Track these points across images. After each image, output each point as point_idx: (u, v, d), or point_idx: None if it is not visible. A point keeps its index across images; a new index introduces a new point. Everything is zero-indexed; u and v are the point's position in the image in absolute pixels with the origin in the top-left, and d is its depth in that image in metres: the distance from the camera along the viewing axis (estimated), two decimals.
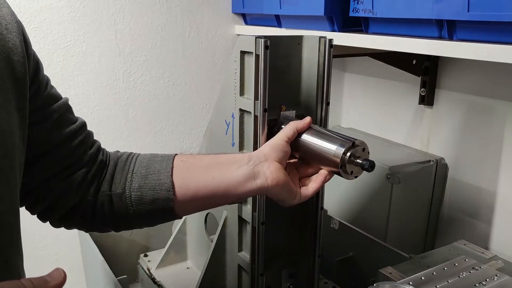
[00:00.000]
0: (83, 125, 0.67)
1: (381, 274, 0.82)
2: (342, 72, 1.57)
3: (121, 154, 0.72)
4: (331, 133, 0.72)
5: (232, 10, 1.48)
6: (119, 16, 1.31)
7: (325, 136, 0.71)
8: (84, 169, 0.65)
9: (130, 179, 0.67)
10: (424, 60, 1.22)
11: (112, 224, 0.69)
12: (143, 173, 0.67)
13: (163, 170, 0.66)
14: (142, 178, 0.66)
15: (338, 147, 0.68)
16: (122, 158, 0.70)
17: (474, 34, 0.82)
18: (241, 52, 0.76)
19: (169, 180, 0.65)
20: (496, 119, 1.10)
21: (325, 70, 0.78)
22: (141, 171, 0.67)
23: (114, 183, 0.67)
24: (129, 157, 0.70)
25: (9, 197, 0.52)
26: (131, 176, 0.67)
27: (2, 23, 0.53)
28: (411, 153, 1.24)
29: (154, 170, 0.67)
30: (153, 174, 0.66)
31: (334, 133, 0.72)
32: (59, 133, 0.63)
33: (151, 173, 0.66)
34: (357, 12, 1.01)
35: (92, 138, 0.70)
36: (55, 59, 1.24)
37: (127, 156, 0.71)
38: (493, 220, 1.13)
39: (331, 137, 0.71)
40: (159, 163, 0.67)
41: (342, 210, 1.23)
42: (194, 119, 1.49)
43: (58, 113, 0.63)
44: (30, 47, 0.59)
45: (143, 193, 0.65)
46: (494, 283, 0.75)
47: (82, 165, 0.65)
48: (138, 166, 0.68)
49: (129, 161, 0.69)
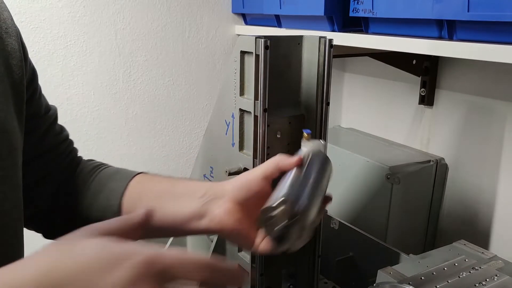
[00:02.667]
0: (67, 137, 0.68)
1: (381, 274, 0.82)
2: (342, 72, 1.57)
3: (88, 165, 0.69)
4: (297, 182, 0.55)
5: (232, 10, 1.48)
6: (119, 16, 1.31)
7: (285, 184, 0.55)
8: (57, 180, 0.65)
9: (84, 195, 0.65)
10: (424, 60, 1.22)
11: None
12: (97, 190, 0.64)
13: (115, 191, 0.62)
14: (95, 195, 0.64)
15: (268, 203, 0.52)
16: (86, 170, 0.68)
17: (474, 34, 0.82)
18: (241, 52, 0.76)
19: (117, 203, 0.61)
20: (496, 119, 1.10)
21: (325, 70, 0.78)
22: (96, 187, 0.65)
23: (71, 196, 0.66)
24: (93, 170, 0.68)
25: (13, 196, 0.52)
26: (86, 192, 0.65)
27: (3, 26, 0.54)
28: (411, 153, 1.24)
29: (108, 188, 0.64)
30: (105, 193, 0.63)
31: (305, 181, 0.55)
32: (45, 143, 0.63)
33: (104, 191, 0.63)
34: (357, 12, 1.01)
35: (71, 147, 0.69)
36: (55, 59, 1.24)
37: (91, 168, 0.68)
38: (493, 220, 1.13)
39: (285, 187, 0.54)
40: (116, 181, 0.64)
41: (342, 210, 1.23)
42: (194, 119, 1.49)
43: (48, 122, 0.63)
44: (27, 53, 0.59)
45: (91, 212, 0.63)
46: (494, 283, 0.75)
47: (57, 175, 0.65)
48: (96, 182, 0.66)
49: (91, 174, 0.67)
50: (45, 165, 0.64)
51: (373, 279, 0.85)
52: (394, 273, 0.81)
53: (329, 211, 1.17)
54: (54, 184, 0.65)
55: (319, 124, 0.81)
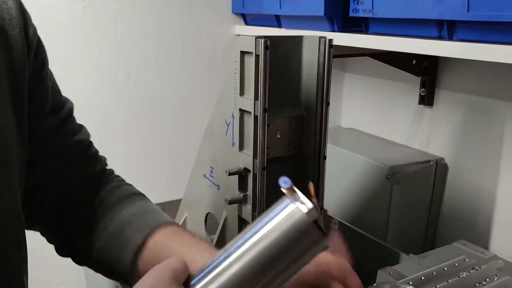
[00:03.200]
0: (82, 141, 0.64)
1: (381, 274, 0.82)
2: (342, 72, 1.57)
3: (116, 193, 0.63)
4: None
5: (232, 10, 1.48)
6: (119, 16, 1.31)
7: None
8: (62, 190, 0.60)
9: (98, 233, 0.59)
10: (424, 60, 1.22)
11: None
12: (112, 234, 0.58)
13: (131, 242, 0.56)
14: (110, 239, 0.58)
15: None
16: (110, 200, 0.62)
17: (474, 34, 0.82)
18: (241, 52, 0.76)
19: (130, 257, 0.55)
20: (496, 119, 1.10)
21: (325, 70, 0.78)
22: (113, 231, 0.59)
23: (83, 225, 0.60)
24: (117, 203, 0.61)
25: (8, 198, 0.50)
26: (103, 231, 0.59)
27: (6, 17, 0.50)
28: (411, 153, 1.24)
29: (123, 236, 0.57)
30: (120, 240, 0.57)
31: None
32: (49, 145, 0.59)
33: (120, 238, 0.57)
34: (357, 12, 1.01)
35: (90, 153, 0.65)
36: (55, 59, 1.24)
37: (117, 200, 0.62)
38: (493, 220, 1.13)
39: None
40: (133, 232, 0.57)
41: (342, 210, 1.23)
42: (194, 119, 1.48)
43: (56, 121, 0.60)
44: (34, 44, 0.55)
45: (104, 255, 0.59)
46: (494, 283, 0.75)
47: (62, 185, 0.60)
48: (116, 223, 0.59)
49: (114, 209, 0.60)
50: (49, 170, 0.59)
51: (373, 279, 0.85)
52: (394, 273, 0.81)
53: (329, 211, 1.17)
54: (57, 194, 0.60)
55: (319, 124, 0.81)
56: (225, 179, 0.85)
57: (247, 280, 0.39)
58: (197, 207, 1.00)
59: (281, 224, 0.39)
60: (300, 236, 0.39)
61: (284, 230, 0.39)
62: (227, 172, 0.81)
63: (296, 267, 0.40)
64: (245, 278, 0.39)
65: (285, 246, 0.39)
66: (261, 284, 0.39)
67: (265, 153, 0.77)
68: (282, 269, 0.40)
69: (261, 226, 0.40)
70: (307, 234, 0.39)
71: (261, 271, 0.39)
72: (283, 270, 0.40)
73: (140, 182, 1.52)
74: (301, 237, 0.39)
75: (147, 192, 0.71)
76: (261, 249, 0.39)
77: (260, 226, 0.40)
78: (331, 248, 0.41)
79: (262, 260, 0.39)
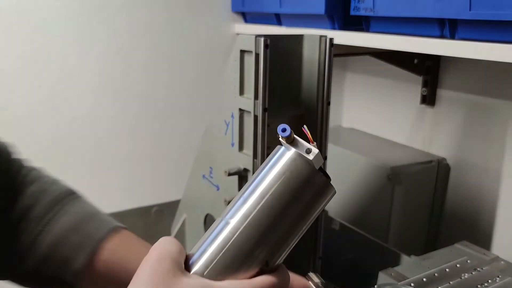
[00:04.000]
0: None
1: (382, 275, 0.81)
2: (343, 71, 1.56)
3: (40, 199, 0.54)
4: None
5: (232, 9, 1.47)
6: (118, 15, 1.30)
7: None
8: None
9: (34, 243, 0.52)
10: (426, 59, 1.21)
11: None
12: (56, 240, 0.52)
13: (85, 244, 0.51)
14: (53, 247, 0.52)
15: None
16: (39, 209, 0.53)
17: (476, 33, 0.81)
18: (241, 51, 0.76)
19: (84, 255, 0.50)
20: (498, 119, 1.10)
21: (326, 69, 0.77)
22: (55, 239, 0.52)
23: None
24: (49, 212, 0.53)
25: None
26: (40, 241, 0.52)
27: None
28: (412, 153, 1.24)
29: (72, 240, 0.52)
30: (68, 246, 0.52)
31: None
32: None
33: (67, 244, 0.52)
34: (358, 10, 1.00)
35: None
36: (53, 58, 1.24)
37: (48, 207, 0.54)
38: (495, 221, 1.12)
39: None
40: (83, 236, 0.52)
41: (343, 211, 1.23)
42: (193, 119, 1.48)
43: None
44: None
45: (42, 267, 0.52)
46: (496, 284, 0.74)
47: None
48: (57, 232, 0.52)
49: (47, 214, 0.53)
50: None
51: (374, 280, 0.84)
52: (395, 275, 0.81)
53: (329, 212, 1.17)
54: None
55: (319, 124, 0.80)
56: (224, 180, 0.85)
57: (254, 242, 0.36)
58: (196, 208, 0.99)
59: (288, 178, 0.36)
60: (309, 186, 0.37)
61: (291, 185, 0.36)
62: (226, 173, 0.80)
63: (306, 221, 0.38)
64: (252, 239, 0.36)
65: (293, 201, 0.36)
66: (272, 243, 0.36)
67: (265, 153, 0.76)
68: (289, 228, 0.37)
69: (267, 182, 0.37)
70: (315, 183, 0.37)
71: (273, 229, 0.36)
72: (290, 229, 0.37)
73: (140, 182, 1.53)
74: (310, 187, 0.37)
75: (147, 192, 0.71)
76: (269, 207, 0.36)
77: (266, 182, 0.37)
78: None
79: (273, 218, 0.36)
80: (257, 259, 0.36)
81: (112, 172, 1.37)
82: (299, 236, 0.38)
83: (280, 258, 0.37)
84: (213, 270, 0.36)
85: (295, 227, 0.37)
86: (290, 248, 0.38)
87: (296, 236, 0.37)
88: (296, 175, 0.36)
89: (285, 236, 0.37)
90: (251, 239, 0.36)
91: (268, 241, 0.36)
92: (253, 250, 0.36)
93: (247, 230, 0.36)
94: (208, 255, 0.36)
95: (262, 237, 0.36)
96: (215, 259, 0.36)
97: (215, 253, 0.36)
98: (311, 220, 0.38)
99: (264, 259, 0.36)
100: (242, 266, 0.36)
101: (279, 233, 0.36)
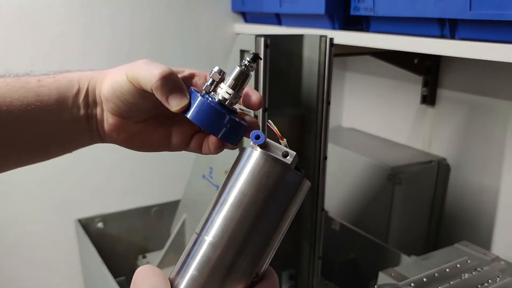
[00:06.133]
0: None
1: (383, 275, 0.81)
2: (343, 71, 1.56)
3: None
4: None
5: (232, 8, 1.47)
6: (118, 15, 1.30)
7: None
8: None
9: None
10: (426, 59, 1.21)
11: None
12: None
13: None
14: None
15: None
16: None
17: (476, 33, 0.81)
18: (241, 51, 0.75)
19: None
20: (498, 119, 1.10)
21: (326, 69, 0.77)
22: None
23: None
24: None
25: None
26: None
27: None
28: (412, 153, 1.23)
29: None
30: None
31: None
32: None
33: None
34: (358, 10, 1.00)
35: None
36: (53, 58, 1.24)
37: None
38: (495, 221, 1.12)
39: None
40: None
41: (343, 211, 1.23)
42: None
43: None
44: None
45: None
46: (496, 284, 0.74)
47: None
48: None
49: None
50: None
51: (374, 280, 0.84)
52: (395, 275, 0.81)
53: (330, 213, 1.16)
54: None
55: (319, 124, 0.80)
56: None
57: (237, 258, 0.34)
58: (196, 208, 0.99)
59: (264, 183, 0.35)
60: (286, 186, 0.35)
61: (267, 189, 0.35)
62: (226, 173, 0.80)
63: (286, 221, 0.36)
64: (235, 255, 0.34)
65: (271, 206, 0.35)
66: (257, 254, 0.35)
67: None
68: (271, 233, 0.35)
69: (242, 188, 0.35)
70: (291, 182, 0.36)
71: (254, 234, 0.35)
72: (272, 234, 0.35)
73: (140, 182, 1.52)
74: (286, 187, 0.35)
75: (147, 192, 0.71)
76: (247, 216, 0.34)
77: (241, 188, 0.35)
78: None
79: (253, 228, 0.34)
80: (244, 273, 0.34)
81: (112, 172, 1.37)
82: (281, 238, 0.37)
83: (267, 263, 0.36)
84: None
85: (277, 231, 0.36)
86: (275, 250, 0.37)
87: (279, 239, 0.36)
88: (273, 179, 0.35)
89: (269, 242, 0.35)
90: (236, 256, 0.34)
91: (253, 253, 0.34)
92: (237, 265, 0.34)
93: (229, 247, 0.34)
94: (190, 281, 0.34)
95: (246, 251, 0.34)
96: (200, 284, 0.34)
97: (198, 277, 0.34)
98: (291, 218, 0.37)
99: (253, 272, 0.35)
100: (231, 284, 0.34)
101: (262, 241, 0.35)
